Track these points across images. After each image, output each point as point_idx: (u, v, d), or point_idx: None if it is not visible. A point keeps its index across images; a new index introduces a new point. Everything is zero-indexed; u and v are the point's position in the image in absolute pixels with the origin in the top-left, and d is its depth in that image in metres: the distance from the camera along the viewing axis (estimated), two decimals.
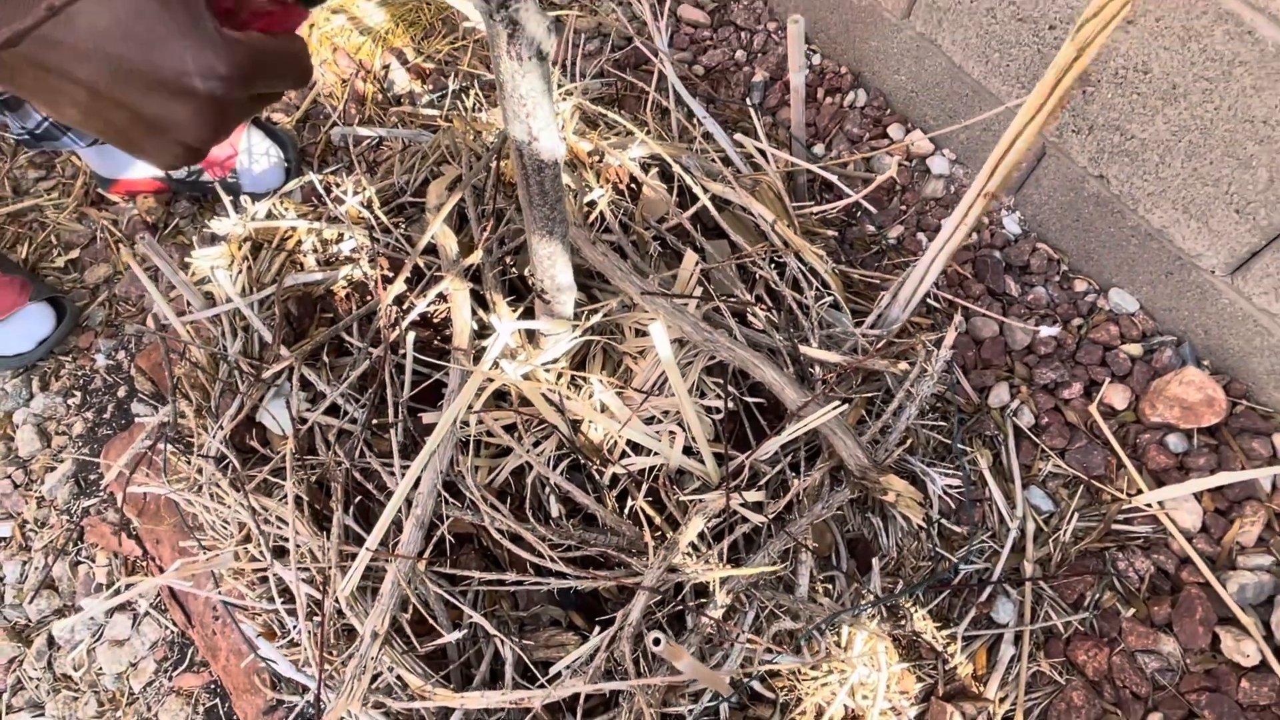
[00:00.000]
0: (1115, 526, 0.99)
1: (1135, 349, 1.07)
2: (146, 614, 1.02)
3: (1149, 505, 0.99)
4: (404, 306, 0.96)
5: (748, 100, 1.28)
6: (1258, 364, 1.00)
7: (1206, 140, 0.90)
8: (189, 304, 1.01)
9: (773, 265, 1.04)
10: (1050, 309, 1.12)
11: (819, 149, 1.26)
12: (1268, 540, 0.96)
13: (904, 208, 1.20)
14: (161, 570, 1.01)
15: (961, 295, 1.13)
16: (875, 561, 0.94)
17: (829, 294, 1.02)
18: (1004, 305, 1.13)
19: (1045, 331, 1.03)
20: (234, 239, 1.03)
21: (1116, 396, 1.05)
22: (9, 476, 1.16)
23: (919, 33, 1.14)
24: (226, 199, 1.06)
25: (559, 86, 1.21)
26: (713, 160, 1.08)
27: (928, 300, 1.10)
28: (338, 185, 1.12)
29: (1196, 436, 1.02)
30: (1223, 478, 0.96)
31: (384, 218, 1.06)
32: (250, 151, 1.31)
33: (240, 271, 1.01)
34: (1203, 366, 1.06)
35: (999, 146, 0.75)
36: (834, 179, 1.10)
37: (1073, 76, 0.65)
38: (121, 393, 1.19)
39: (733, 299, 0.98)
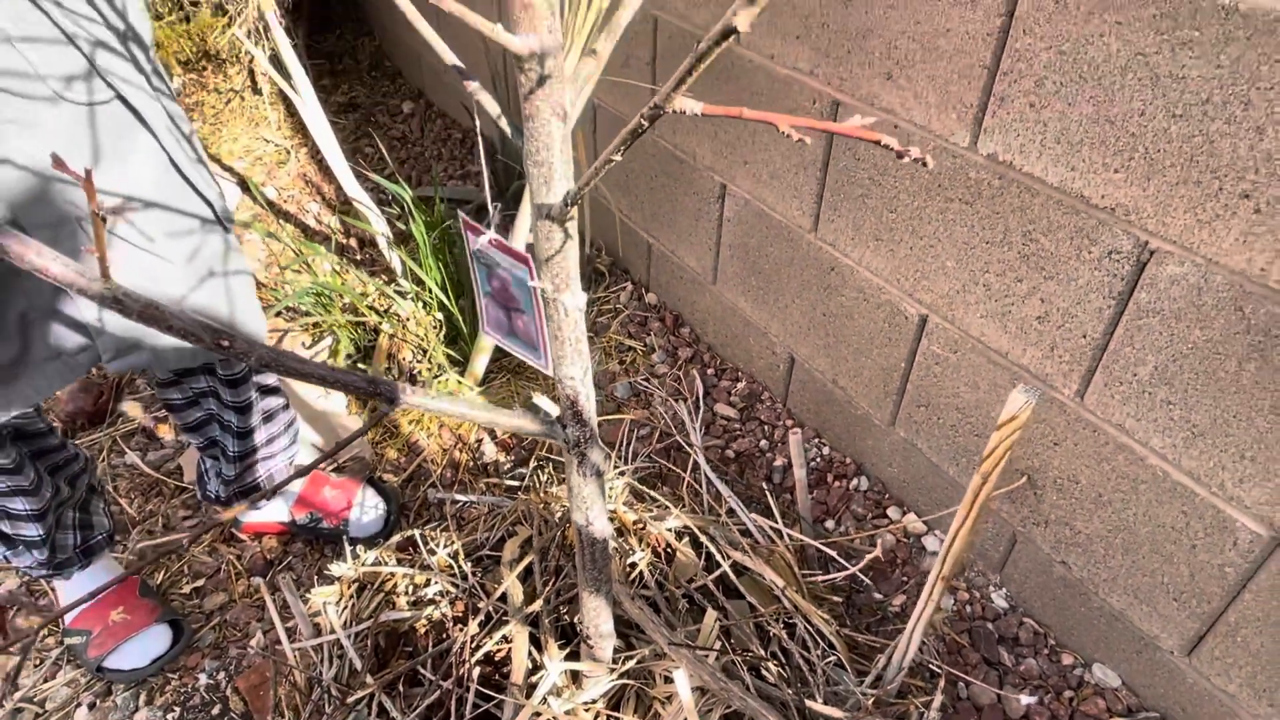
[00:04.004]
0: None
1: None
2: None
3: None
4: (473, 644, 1.16)
5: (767, 482, 1.55)
6: None
7: (1135, 538, 1.11)
8: (300, 631, 1.22)
9: (784, 625, 1.22)
10: (1042, 680, 1.24)
11: (830, 524, 1.49)
12: None
13: (905, 579, 1.39)
14: None
15: (960, 663, 1.26)
16: None
17: (834, 653, 1.18)
18: (1000, 674, 1.25)
19: (1024, 700, 1.15)
20: (345, 580, 1.27)
21: None
22: None
23: (903, 437, 1.43)
24: (348, 548, 1.33)
25: (614, 467, 1.51)
26: (734, 532, 1.32)
27: (928, 666, 1.24)
28: (431, 539, 1.38)
29: None
30: None
31: (466, 567, 1.30)
32: (363, 504, 1.61)
33: (346, 607, 1.24)
34: None
35: (945, 541, 0.97)
36: (834, 554, 1.32)
37: (984, 496, 0.89)
38: (215, 710, 1.36)
39: (748, 653, 1.15)
